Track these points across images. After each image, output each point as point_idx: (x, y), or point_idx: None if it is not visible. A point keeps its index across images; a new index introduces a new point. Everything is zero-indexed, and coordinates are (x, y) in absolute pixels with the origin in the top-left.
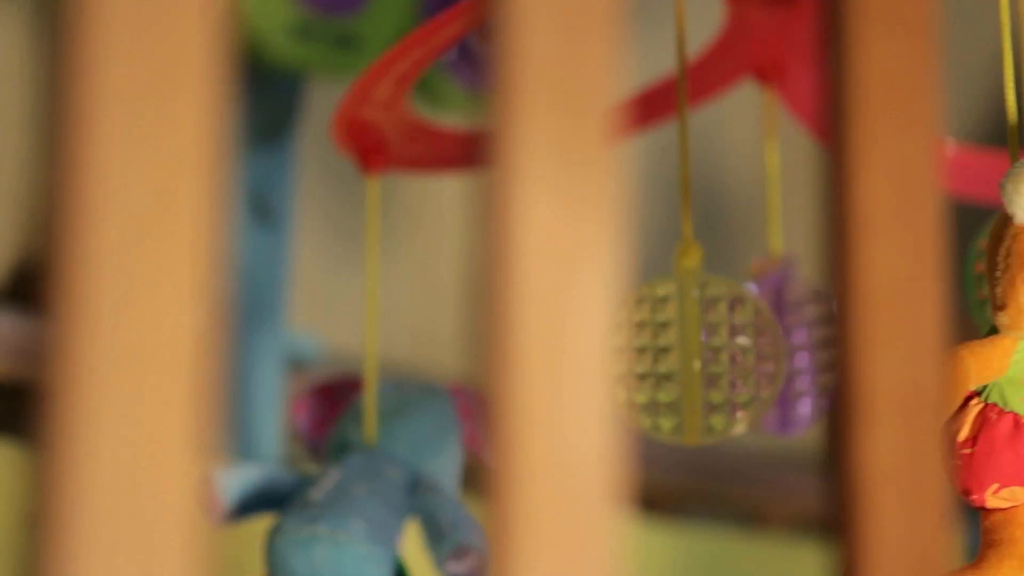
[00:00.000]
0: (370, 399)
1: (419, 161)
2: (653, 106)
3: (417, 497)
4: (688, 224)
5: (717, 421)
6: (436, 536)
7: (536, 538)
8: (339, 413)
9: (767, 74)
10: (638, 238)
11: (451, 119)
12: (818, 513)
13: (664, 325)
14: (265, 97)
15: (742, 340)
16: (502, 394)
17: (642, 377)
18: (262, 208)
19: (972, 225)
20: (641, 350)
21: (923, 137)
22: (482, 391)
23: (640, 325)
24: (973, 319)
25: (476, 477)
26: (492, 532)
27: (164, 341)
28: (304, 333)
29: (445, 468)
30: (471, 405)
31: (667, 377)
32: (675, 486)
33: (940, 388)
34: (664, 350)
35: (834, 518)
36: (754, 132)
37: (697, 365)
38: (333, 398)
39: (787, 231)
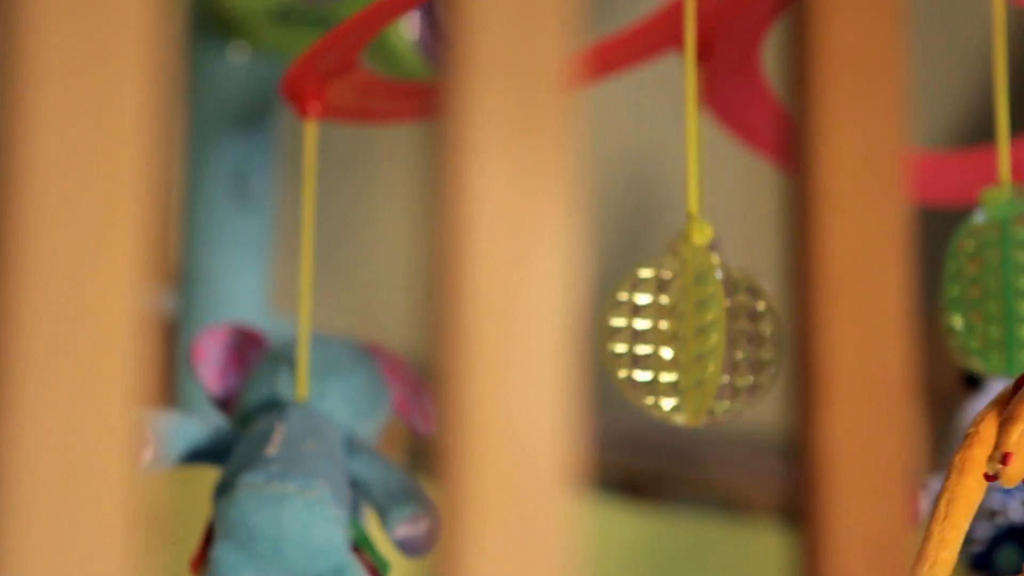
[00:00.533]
0: (303, 354)
1: (368, 113)
2: (591, 65)
3: (354, 460)
4: (694, 201)
5: (719, 404)
6: (384, 502)
7: (486, 517)
8: (242, 365)
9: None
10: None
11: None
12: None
13: (668, 305)
14: (246, 81)
15: (743, 324)
16: (452, 371)
17: (645, 357)
18: (242, 190)
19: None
20: (644, 330)
21: (887, 113)
22: (432, 367)
23: (642, 304)
24: (943, 319)
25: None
26: (442, 510)
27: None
28: (279, 318)
29: (373, 431)
30: (395, 368)
31: (670, 358)
32: (658, 471)
33: (904, 367)
34: (667, 330)
35: (796, 499)
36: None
37: (701, 346)
38: (234, 349)
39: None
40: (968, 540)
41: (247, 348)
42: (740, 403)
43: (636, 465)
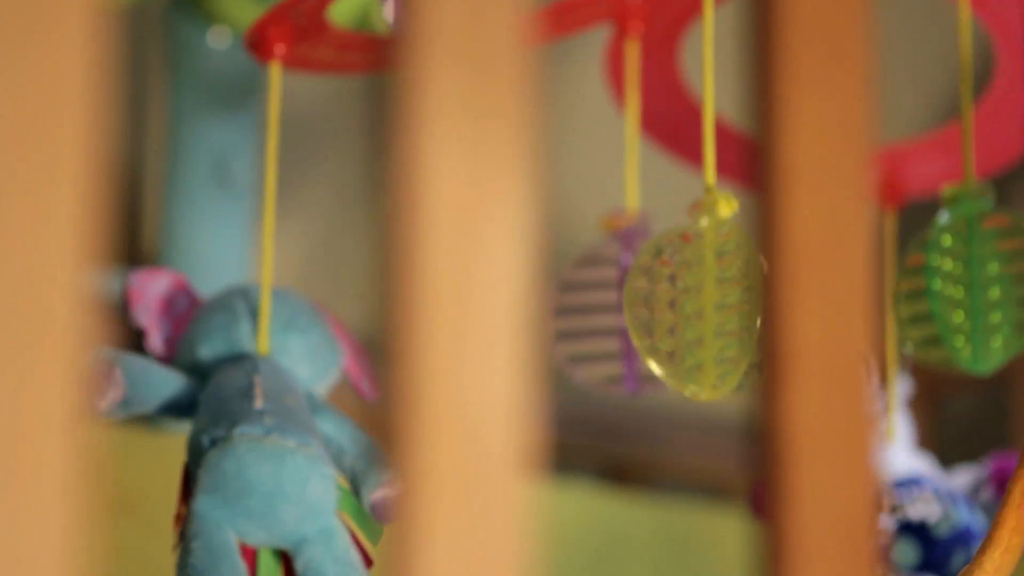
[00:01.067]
0: (265, 306)
1: (331, 64)
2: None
3: (321, 419)
4: (711, 173)
5: (729, 378)
6: (357, 465)
7: (439, 498)
8: (171, 312)
9: (625, 27)
10: None
11: None
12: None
13: (681, 277)
14: (227, 65)
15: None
16: (407, 351)
17: (664, 330)
18: (223, 174)
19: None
20: (660, 301)
21: (853, 90)
22: (387, 347)
23: (660, 275)
24: (896, 311)
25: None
26: (395, 488)
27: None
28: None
29: (325, 391)
30: (341, 328)
31: (684, 330)
32: (644, 458)
33: (868, 346)
34: (681, 303)
35: (758, 481)
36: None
37: (712, 320)
38: (165, 295)
39: (672, 195)
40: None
41: (176, 295)
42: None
43: (609, 450)
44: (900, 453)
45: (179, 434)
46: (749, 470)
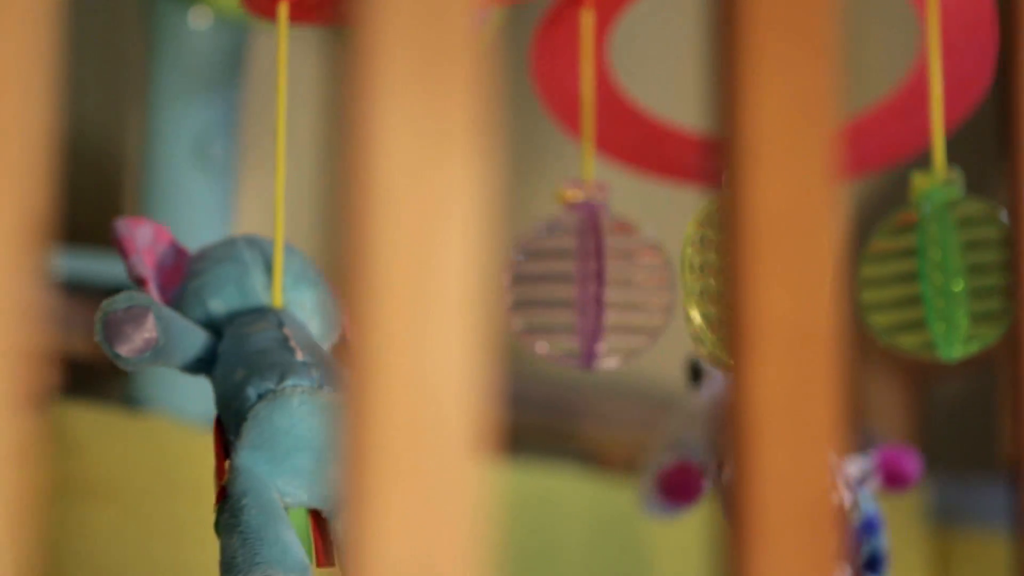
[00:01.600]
0: (279, 258)
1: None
2: None
3: None
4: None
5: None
6: None
7: (393, 472)
8: (165, 266)
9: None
10: None
11: None
12: None
13: None
14: (208, 46)
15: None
16: (361, 322)
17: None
18: (204, 155)
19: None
20: (713, 268)
21: (817, 67)
22: (343, 315)
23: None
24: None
25: None
26: (347, 464)
27: None
28: None
29: (330, 347)
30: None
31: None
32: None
33: (831, 320)
34: None
35: (722, 452)
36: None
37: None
38: (148, 243)
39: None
40: None
41: (161, 245)
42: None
43: (546, 424)
44: None
45: (159, 417)
46: (711, 447)
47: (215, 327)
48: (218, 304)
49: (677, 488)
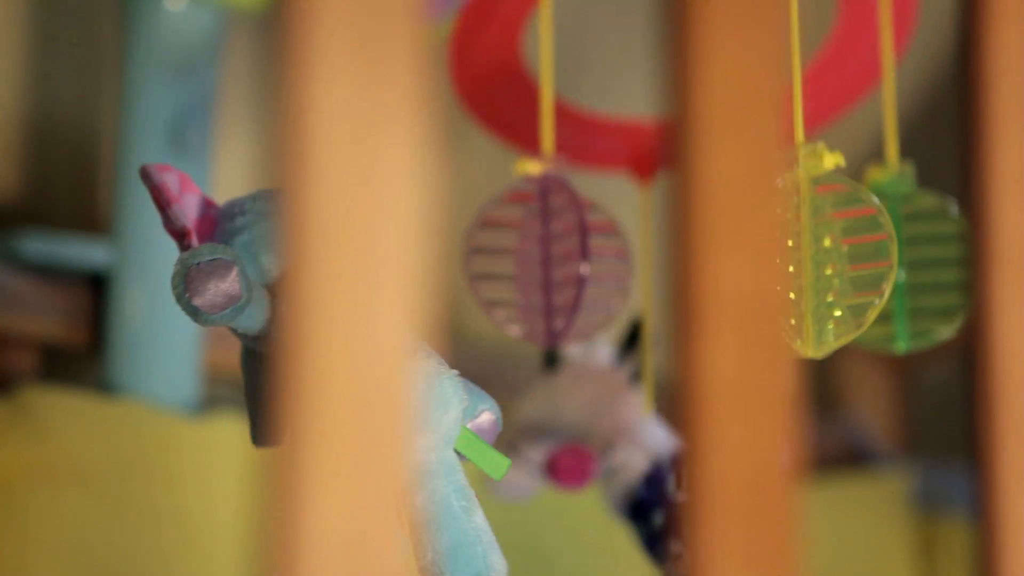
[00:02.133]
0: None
1: None
2: None
3: None
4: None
5: (831, 333)
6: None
7: (330, 441)
8: (197, 216)
9: None
10: None
11: None
12: None
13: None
14: (184, 28)
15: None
16: (297, 284)
17: None
18: (179, 138)
19: None
20: None
21: (767, 42)
22: (279, 288)
23: None
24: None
25: None
26: (283, 437)
27: None
28: None
29: None
30: None
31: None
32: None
33: (783, 294)
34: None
35: (674, 429)
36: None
37: (809, 273)
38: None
39: None
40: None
41: (189, 195)
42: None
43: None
44: (654, 425)
45: (133, 402)
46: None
47: (267, 287)
48: (270, 261)
49: (567, 471)
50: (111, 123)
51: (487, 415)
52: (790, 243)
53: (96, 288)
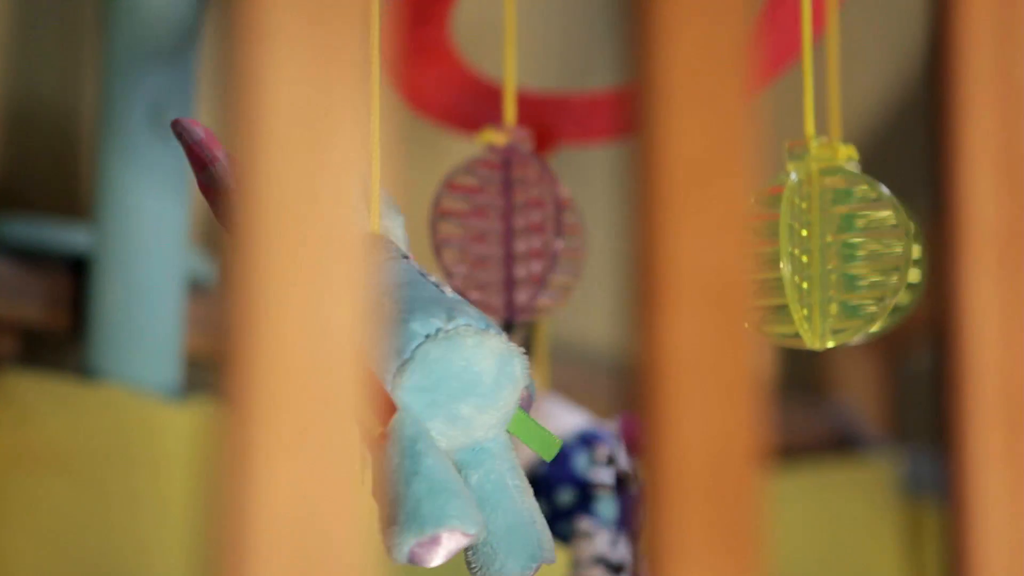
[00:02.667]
0: (376, 180)
1: None
2: None
3: None
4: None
5: (840, 326)
6: None
7: (279, 429)
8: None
9: None
10: None
11: None
12: None
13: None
14: (165, 10)
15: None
16: (246, 266)
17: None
18: (160, 123)
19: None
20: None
21: (730, 13)
22: (224, 262)
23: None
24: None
25: None
26: (232, 419)
27: None
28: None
29: None
30: None
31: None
32: None
33: (746, 271)
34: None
35: (634, 407)
36: None
37: (826, 267)
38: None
39: None
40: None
41: (213, 149)
42: (863, 323)
43: None
44: (557, 404)
45: (113, 387)
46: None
47: None
48: None
49: None
50: (91, 106)
51: (524, 392)
52: (804, 233)
53: (77, 272)
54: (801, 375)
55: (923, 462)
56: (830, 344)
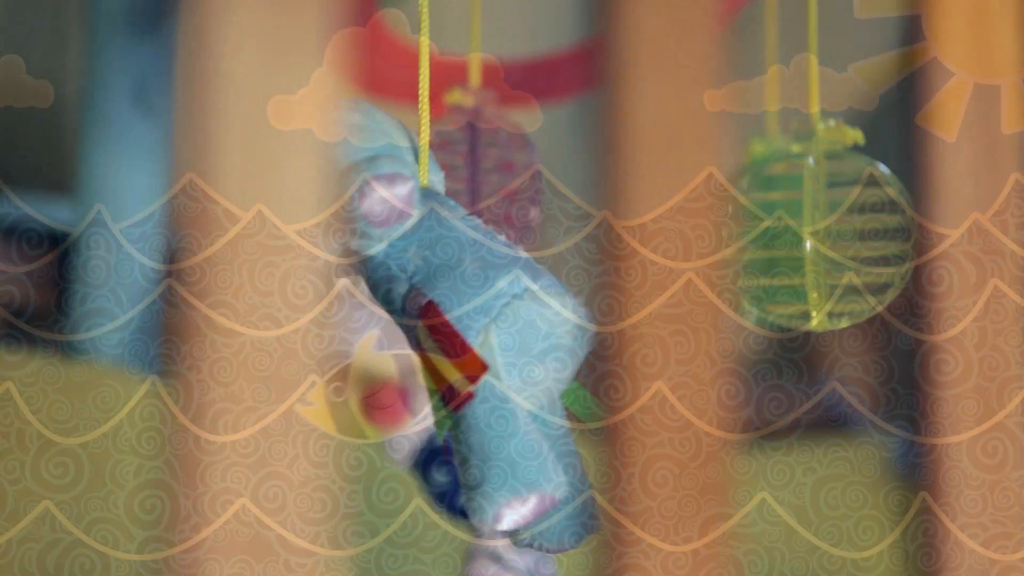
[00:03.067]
0: (425, 136)
1: None
2: None
3: None
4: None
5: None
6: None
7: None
8: None
9: None
10: None
11: None
12: None
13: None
14: None
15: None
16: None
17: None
18: (143, 98)
19: None
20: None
21: None
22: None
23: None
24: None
25: None
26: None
27: None
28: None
29: None
30: None
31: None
32: None
33: (708, 230)
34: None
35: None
36: None
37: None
38: None
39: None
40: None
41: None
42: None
43: None
44: None
45: (94, 364)
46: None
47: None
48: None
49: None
50: (75, 83)
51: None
52: (808, 223)
53: (58, 248)
54: (794, 355)
55: (910, 443)
56: (843, 324)
